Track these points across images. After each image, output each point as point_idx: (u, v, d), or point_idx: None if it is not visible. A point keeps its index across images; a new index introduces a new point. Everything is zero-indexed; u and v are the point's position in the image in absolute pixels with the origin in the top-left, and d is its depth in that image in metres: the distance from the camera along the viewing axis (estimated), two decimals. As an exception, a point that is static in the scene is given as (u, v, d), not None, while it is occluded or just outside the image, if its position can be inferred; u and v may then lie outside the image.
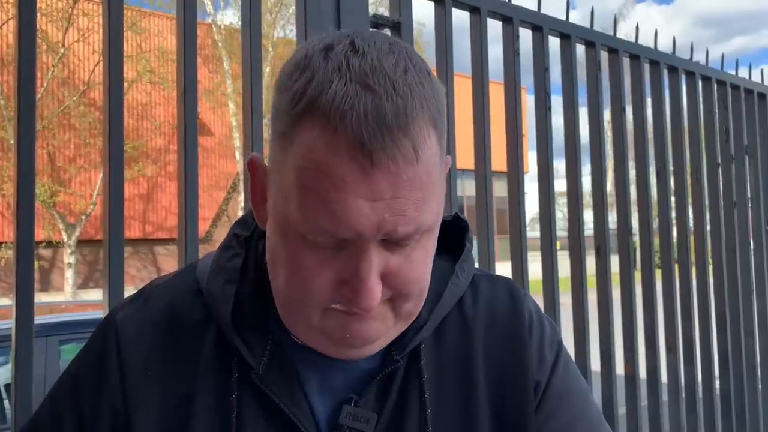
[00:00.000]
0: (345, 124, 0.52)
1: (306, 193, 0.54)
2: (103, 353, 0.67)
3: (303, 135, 0.54)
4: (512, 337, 0.70)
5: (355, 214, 0.53)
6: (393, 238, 0.55)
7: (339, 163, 0.52)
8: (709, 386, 2.28)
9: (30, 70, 1.08)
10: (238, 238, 0.70)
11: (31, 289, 1.07)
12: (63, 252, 13.58)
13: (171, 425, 0.63)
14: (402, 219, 0.54)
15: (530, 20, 1.77)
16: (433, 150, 0.56)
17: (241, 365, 0.64)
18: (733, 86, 2.56)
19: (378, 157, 0.52)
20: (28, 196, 1.08)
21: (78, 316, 3.56)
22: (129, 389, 0.64)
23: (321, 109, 0.53)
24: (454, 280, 0.70)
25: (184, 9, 1.24)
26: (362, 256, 0.55)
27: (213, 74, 15.06)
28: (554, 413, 0.69)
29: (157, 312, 0.68)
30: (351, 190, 0.52)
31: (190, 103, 1.23)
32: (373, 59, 0.54)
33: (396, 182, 0.53)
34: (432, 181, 0.56)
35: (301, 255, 0.57)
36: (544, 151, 1.78)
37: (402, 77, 0.54)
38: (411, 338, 0.66)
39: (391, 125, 0.52)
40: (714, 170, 2.47)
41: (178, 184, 1.23)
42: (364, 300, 0.55)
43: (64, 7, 13.01)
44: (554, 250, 1.77)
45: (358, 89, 0.53)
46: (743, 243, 2.55)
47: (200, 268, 0.71)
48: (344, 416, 0.63)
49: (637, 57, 2.11)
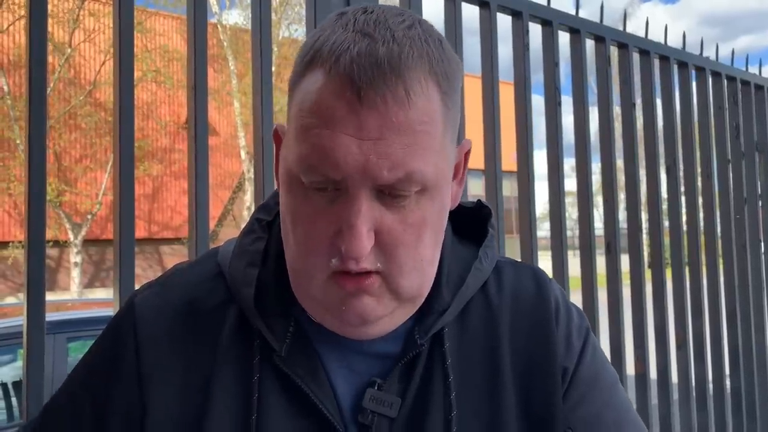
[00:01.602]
0: (338, 64, 0.54)
1: (301, 133, 0.56)
2: (120, 336, 0.66)
3: (304, 81, 0.57)
4: (539, 324, 0.69)
5: (342, 151, 0.53)
6: (381, 182, 0.54)
7: (329, 100, 0.54)
8: (719, 384, 2.27)
9: (40, 71, 1.08)
10: (261, 223, 0.70)
11: (42, 285, 1.07)
12: (69, 251, 13.63)
13: (190, 407, 0.62)
14: (388, 162, 0.53)
15: (540, 15, 1.76)
16: (432, 104, 0.55)
17: (263, 348, 0.63)
18: (744, 82, 2.55)
19: (366, 94, 0.52)
20: (40, 193, 1.07)
21: (86, 314, 3.58)
22: (145, 371, 0.63)
23: (322, 57, 0.55)
24: (477, 265, 0.69)
25: (194, 9, 1.24)
26: (352, 202, 0.55)
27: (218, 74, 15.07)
28: (582, 400, 0.68)
29: (176, 295, 0.68)
30: (340, 126, 0.53)
31: (200, 103, 1.23)
32: (379, 15, 0.57)
33: (384, 122, 0.53)
34: (429, 133, 0.55)
35: (302, 205, 0.58)
36: (554, 147, 1.77)
37: (404, 31, 0.55)
38: (434, 322, 0.65)
39: (382, 66, 0.53)
40: (724, 167, 2.45)
41: (189, 183, 1.23)
42: (352, 246, 0.54)
43: (71, 8, 13.04)
44: (565, 249, 1.76)
45: (358, 37, 0.54)
46: (754, 240, 2.53)
47: (222, 253, 0.71)
48: (368, 400, 0.62)
49: (647, 52, 2.09)
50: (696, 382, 2.18)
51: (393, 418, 0.62)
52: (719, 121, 2.44)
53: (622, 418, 0.70)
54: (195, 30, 1.23)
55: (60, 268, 14.32)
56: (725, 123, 2.45)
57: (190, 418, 0.62)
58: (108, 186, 13.51)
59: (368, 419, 0.62)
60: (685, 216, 2.26)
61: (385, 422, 0.62)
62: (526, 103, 1.71)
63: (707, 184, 2.37)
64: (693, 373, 2.16)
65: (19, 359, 2.99)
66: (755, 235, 2.54)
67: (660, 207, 2.11)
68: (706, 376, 2.20)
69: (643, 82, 2.13)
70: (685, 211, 2.26)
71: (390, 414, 0.62)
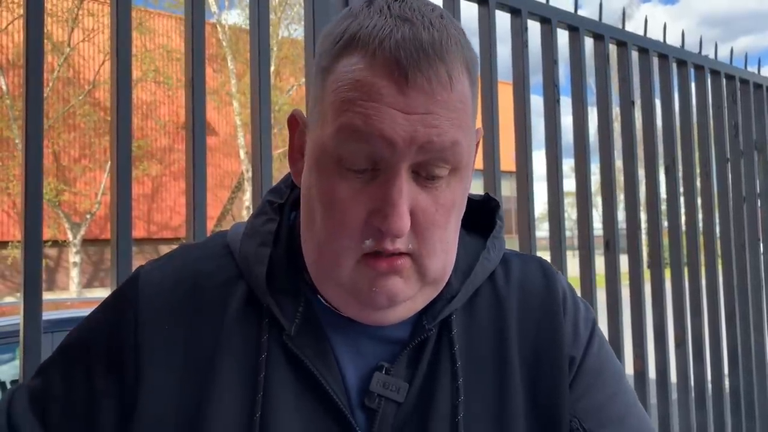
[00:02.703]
0: (383, 47, 0.55)
1: (344, 104, 0.56)
2: (121, 306, 0.66)
3: (343, 62, 0.57)
4: (546, 314, 0.70)
5: (389, 122, 0.54)
6: (428, 149, 0.55)
7: (376, 78, 0.55)
8: (718, 383, 2.27)
9: (37, 70, 1.08)
10: (272, 205, 0.70)
11: (39, 282, 1.06)
12: (68, 251, 13.62)
13: (193, 383, 0.61)
14: (436, 131, 0.55)
15: (539, 12, 1.76)
16: (465, 88, 0.58)
17: (271, 327, 0.63)
18: (742, 81, 2.54)
19: (413, 75, 0.54)
20: (36, 190, 1.07)
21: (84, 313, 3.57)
22: (143, 344, 0.62)
23: (362, 40, 0.56)
24: (485, 255, 0.70)
25: (192, 9, 1.23)
26: (393, 181, 0.56)
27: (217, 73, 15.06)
28: (588, 391, 0.68)
29: (182, 269, 0.67)
30: (386, 101, 0.54)
31: (198, 102, 1.22)
32: (411, 3, 0.58)
33: (430, 100, 0.55)
34: (466, 112, 0.58)
35: (336, 186, 0.57)
36: (553, 147, 1.77)
37: (438, 19, 0.57)
38: (442, 308, 0.66)
39: (427, 50, 0.55)
40: (723, 166, 2.45)
41: (186, 183, 1.23)
42: (393, 223, 0.55)
43: (70, 8, 13.03)
44: (564, 249, 1.76)
45: (398, 22, 0.56)
46: (753, 239, 2.53)
47: (231, 234, 0.71)
48: (375, 383, 0.62)
49: (646, 51, 2.09)
50: (695, 382, 2.18)
51: (400, 402, 0.62)
52: (718, 120, 2.44)
53: (627, 410, 0.70)
54: (193, 26, 1.23)
55: (59, 268, 14.32)
56: (724, 122, 2.44)
57: (190, 393, 0.60)
58: (107, 185, 13.50)
59: (375, 403, 0.62)
60: (684, 216, 2.26)
61: (391, 406, 0.62)
62: (525, 102, 1.71)
63: (706, 184, 2.37)
64: (692, 373, 2.16)
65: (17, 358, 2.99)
66: (754, 235, 2.54)
67: (659, 207, 2.11)
68: (705, 375, 2.20)
69: (642, 81, 2.13)
70: (684, 210, 2.25)
71: (397, 398, 0.62)
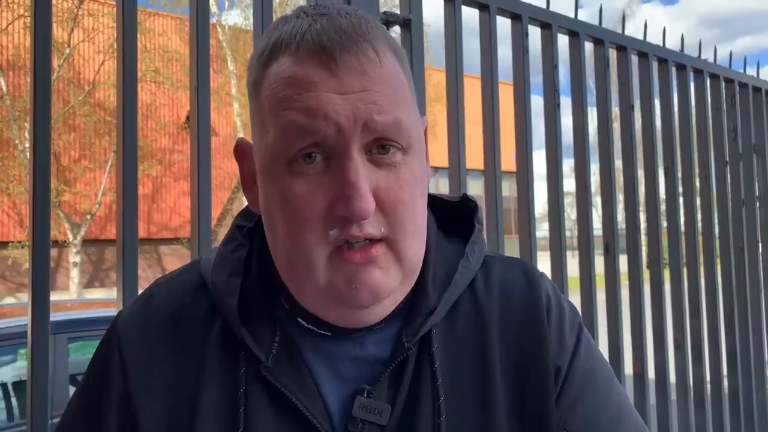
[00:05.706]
0: (306, 39, 0.56)
1: (279, 104, 0.56)
2: (106, 357, 0.66)
3: (272, 68, 0.58)
4: (529, 320, 0.67)
5: (329, 105, 0.54)
6: (372, 129, 0.55)
7: (305, 68, 0.55)
8: (717, 385, 2.28)
9: (44, 74, 1.09)
10: (242, 230, 0.69)
11: (47, 284, 1.07)
12: (68, 252, 13.61)
13: (178, 422, 0.61)
14: (376, 107, 0.55)
15: (539, 18, 1.77)
16: (397, 70, 0.59)
17: (249, 359, 0.62)
18: (741, 84, 2.56)
19: (341, 56, 0.55)
20: (44, 191, 1.08)
21: (86, 314, 3.58)
22: (132, 390, 0.63)
23: (284, 42, 0.57)
24: (464, 263, 0.68)
25: (197, 11, 1.24)
26: (347, 164, 0.55)
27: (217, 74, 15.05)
28: (578, 399, 0.66)
29: (160, 310, 0.67)
30: (321, 87, 0.55)
31: (203, 104, 1.24)
32: (327, 4, 0.61)
33: (363, 78, 0.55)
34: (402, 89, 0.58)
35: (290, 186, 0.57)
36: (553, 148, 1.78)
37: (355, 12, 0.59)
38: (421, 324, 0.64)
39: (349, 32, 0.56)
40: (722, 168, 2.46)
41: (191, 183, 1.23)
42: (357, 203, 0.53)
43: (70, 8, 13.03)
44: (563, 249, 1.77)
45: (315, 17, 0.57)
46: (751, 241, 2.54)
47: (204, 263, 0.70)
48: (357, 408, 0.61)
49: (646, 55, 2.10)
50: (694, 383, 2.18)
51: (383, 425, 0.61)
52: (717, 122, 2.45)
53: (619, 416, 0.68)
54: (198, 32, 1.24)
55: (59, 268, 14.30)
56: (723, 125, 2.46)
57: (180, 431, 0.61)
58: (107, 186, 13.49)
59: (358, 428, 0.61)
60: (683, 217, 2.27)
61: (375, 430, 0.61)
62: (526, 105, 1.72)
63: (705, 186, 2.38)
64: (691, 374, 2.17)
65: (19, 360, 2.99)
66: (753, 237, 2.55)
67: (658, 208, 2.12)
68: (704, 376, 2.21)
69: (642, 84, 2.14)
70: (683, 212, 2.27)
71: (380, 422, 0.61)
